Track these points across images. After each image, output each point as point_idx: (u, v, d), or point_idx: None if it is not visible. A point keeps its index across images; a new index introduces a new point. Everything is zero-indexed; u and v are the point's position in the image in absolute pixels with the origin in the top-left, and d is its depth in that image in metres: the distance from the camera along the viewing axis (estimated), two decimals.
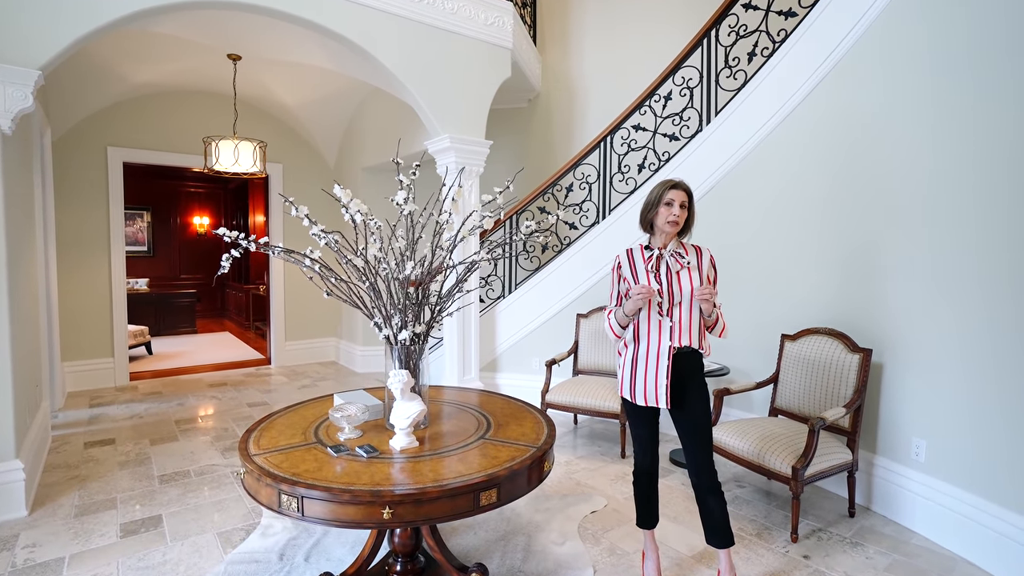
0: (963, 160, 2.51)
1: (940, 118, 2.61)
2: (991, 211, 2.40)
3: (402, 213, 1.80)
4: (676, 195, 2.03)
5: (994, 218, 2.39)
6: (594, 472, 3.38)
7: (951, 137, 2.56)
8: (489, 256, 1.97)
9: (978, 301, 2.45)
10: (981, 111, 2.44)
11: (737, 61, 3.75)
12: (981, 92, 2.45)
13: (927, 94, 2.67)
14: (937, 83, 2.63)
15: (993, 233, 2.39)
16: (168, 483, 3.12)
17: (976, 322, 2.46)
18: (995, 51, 2.40)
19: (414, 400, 1.88)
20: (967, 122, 2.50)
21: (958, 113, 2.54)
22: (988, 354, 2.41)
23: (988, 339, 2.41)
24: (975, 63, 2.48)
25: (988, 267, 2.41)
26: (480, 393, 2.64)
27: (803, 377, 3.06)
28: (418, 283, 1.93)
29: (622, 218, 4.30)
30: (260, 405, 4.78)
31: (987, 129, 2.43)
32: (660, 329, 2.04)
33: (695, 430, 2.03)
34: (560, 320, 4.60)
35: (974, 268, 2.47)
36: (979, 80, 2.45)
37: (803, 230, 3.29)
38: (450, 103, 4.22)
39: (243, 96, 5.75)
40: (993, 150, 2.40)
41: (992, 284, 2.40)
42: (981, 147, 2.45)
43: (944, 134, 2.59)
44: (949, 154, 2.57)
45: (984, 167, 2.43)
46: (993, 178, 2.40)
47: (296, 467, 1.71)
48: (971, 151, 2.48)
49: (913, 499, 2.70)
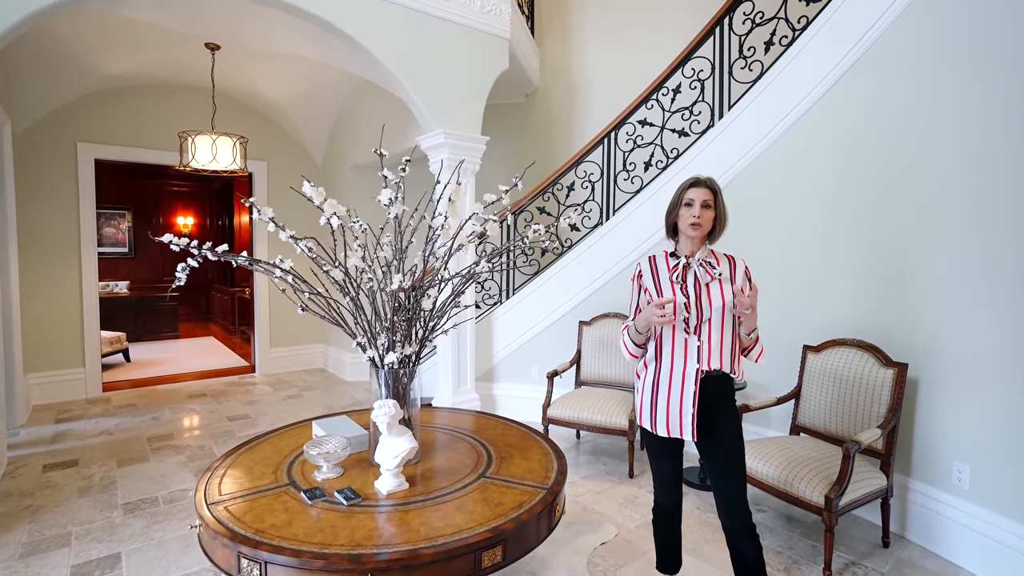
0: (1017, 154, 2.26)
1: (991, 110, 2.36)
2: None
3: (389, 216, 1.52)
4: (697, 194, 1.77)
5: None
6: (601, 495, 3.11)
7: (1005, 130, 2.31)
8: (490, 266, 1.69)
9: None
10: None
11: (753, 51, 3.49)
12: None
13: (975, 83, 2.42)
14: (985, 71, 2.38)
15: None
16: (133, 513, 2.82)
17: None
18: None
19: (403, 435, 1.61)
20: (1020, 114, 2.25)
21: (1012, 105, 2.29)
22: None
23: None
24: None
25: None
26: (477, 416, 2.37)
27: (829, 393, 2.81)
28: (412, 288, 1.66)
29: (627, 219, 4.04)
30: (242, 419, 4.47)
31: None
32: (686, 349, 1.77)
33: (727, 465, 1.77)
34: (561, 327, 4.33)
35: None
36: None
37: (827, 232, 3.04)
38: (444, 96, 3.94)
39: (223, 89, 5.44)
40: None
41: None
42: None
43: (996, 127, 2.34)
44: (1000, 148, 2.32)
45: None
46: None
47: (261, 520, 1.42)
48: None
49: (957, 530, 2.45)
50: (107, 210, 9.24)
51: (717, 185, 1.80)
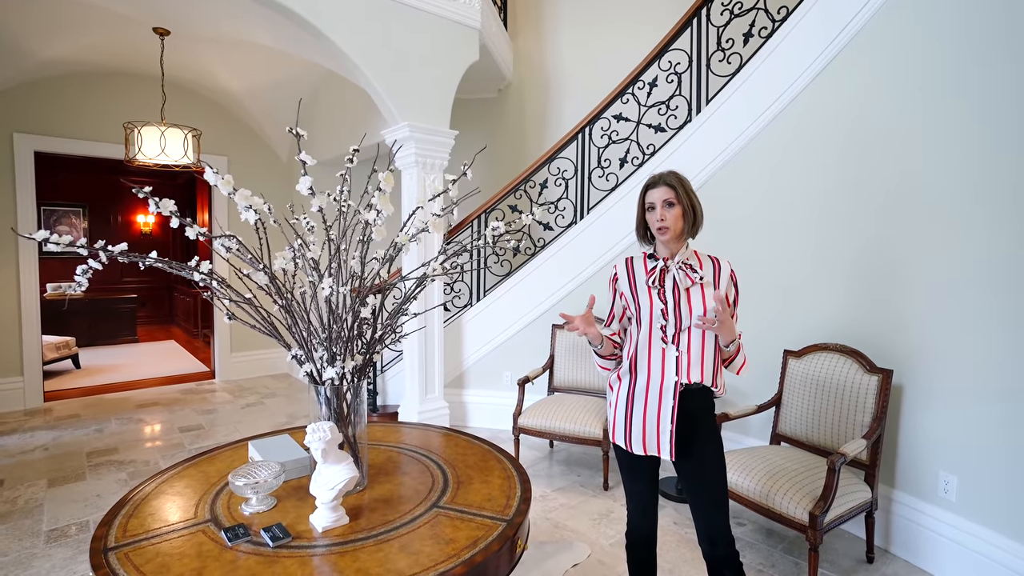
0: (1014, 157, 2.15)
1: (985, 103, 2.25)
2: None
3: (312, 207, 1.31)
4: (656, 195, 1.62)
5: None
6: (574, 510, 2.94)
7: (1002, 130, 2.20)
8: (446, 270, 1.50)
9: (1021, 316, 2.10)
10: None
11: (731, 43, 3.35)
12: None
13: (971, 73, 2.31)
14: (980, 60, 2.26)
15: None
16: (57, 541, 2.55)
17: (1018, 339, 2.10)
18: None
19: (341, 463, 1.40)
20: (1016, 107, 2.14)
21: (1010, 102, 2.18)
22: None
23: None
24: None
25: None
26: (437, 432, 2.17)
27: (810, 400, 2.68)
28: (367, 292, 1.45)
29: (603, 217, 3.88)
30: (194, 430, 4.19)
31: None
32: (664, 360, 1.60)
33: (708, 491, 1.61)
34: (534, 331, 4.15)
35: (1018, 275, 2.11)
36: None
37: (808, 231, 2.91)
38: (410, 87, 3.72)
39: (176, 78, 5.13)
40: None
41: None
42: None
43: (993, 127, 2.23)
44: (994, 149, 2.21)
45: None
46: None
47: (166, 570, 1.20)
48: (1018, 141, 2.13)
49: (943, 544, 2.34)
50: (60, 207, 8.77)
51: (678, 178, 1.63)
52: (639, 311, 1.66)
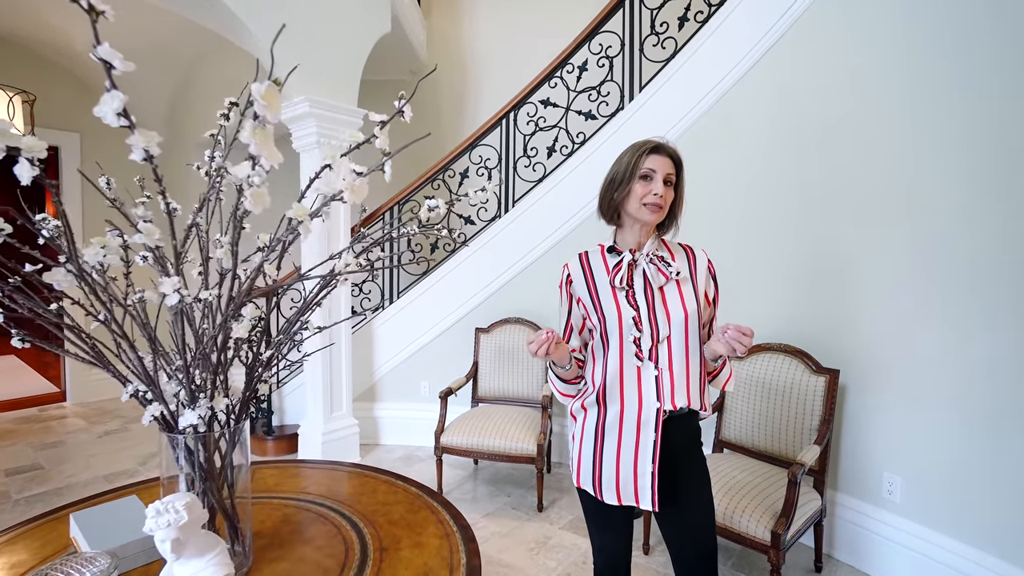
0: (952, 149, 2.10)
1: (922, 97, 2.18)
2: (990, 208, 1.99)
3: (143, 159, 0.85)
4: (659, 163, 1.31)
5: (995, 217, 1.98)
6: (507, 538, 2.60)
7: (955, 122, 2.14)
8: (362, 265, 1.09)
9: (968, 315, 2.05)
10: (986, 89, 2.03)
11: (666, 27, 3.17)
12: (974, 66, 2.04)
13: (914, 63, 2.24)
14: (919, 49, 2.20)
15: (993, 236, 1.99)
16: None
17: (965, 339, 2.05)
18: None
19: (207, 554, 0.94)
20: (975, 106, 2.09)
21: (946, 91, 2.12)
22: (983, 376, 2.01)
23: (983, 359, 2.01)
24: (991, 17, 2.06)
25: (984, 276, 2.01)
26: (351, 473, 1.73)
27: (756, 404, 2.54)
28: (243, 298, 1.00)
29: (530, 210, 3.57)
30: (29, 471, 3.35)
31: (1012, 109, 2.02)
32: (640, 382, 1.28)
33: (698, 545, 1.31)
34: (455, 335, 3.76)
35: (966, 276, 2.06)
36: (972, 48, 2.04)
37: (749, 229, 2.78)
38: (310, 56, 3.19)
39: (7, 33, 4.15)
40: (1004, 136, 2.00)
41: (988, 295, 2.00)
42: (996, 134, 2.04)
43: (929, 115, 2.17)
44: (936, 140, 2.15)
45: (978, 156, 2.03)
46: (999, 170, 1.99)
47: None
48: (981, 138, 2.07)
49: (888, 547, 2.27)
50: None
51: (680, 155, 1.35)
52: (604, 322, 1.32)
